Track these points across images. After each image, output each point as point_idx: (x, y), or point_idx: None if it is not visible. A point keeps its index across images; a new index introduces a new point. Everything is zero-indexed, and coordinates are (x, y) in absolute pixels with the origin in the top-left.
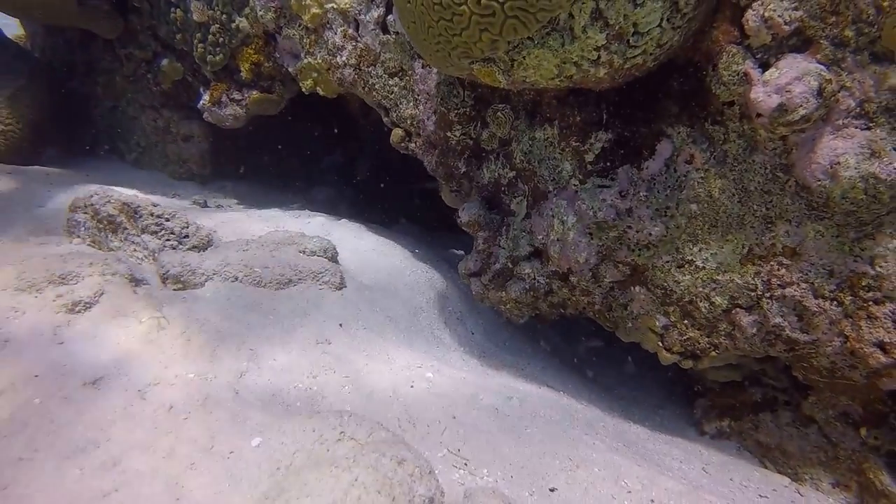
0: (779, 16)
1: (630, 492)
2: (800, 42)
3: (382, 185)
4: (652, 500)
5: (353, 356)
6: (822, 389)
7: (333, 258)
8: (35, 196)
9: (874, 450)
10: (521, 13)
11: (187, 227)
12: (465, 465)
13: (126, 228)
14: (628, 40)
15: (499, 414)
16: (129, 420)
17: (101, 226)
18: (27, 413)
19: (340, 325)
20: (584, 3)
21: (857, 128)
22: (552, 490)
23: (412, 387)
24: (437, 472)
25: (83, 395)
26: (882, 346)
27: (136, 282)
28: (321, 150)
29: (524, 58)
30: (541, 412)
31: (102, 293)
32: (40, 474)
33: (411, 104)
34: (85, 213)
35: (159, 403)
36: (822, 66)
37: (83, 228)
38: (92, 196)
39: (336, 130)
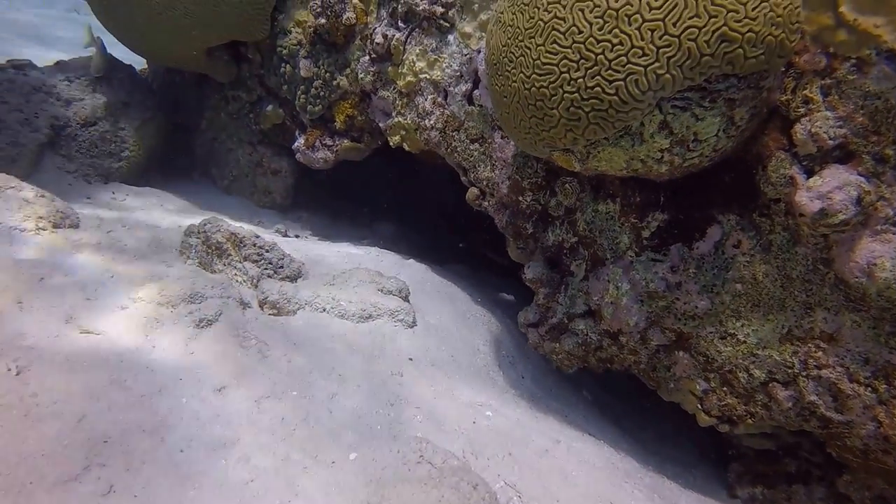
0: (824, 132)
1: None
2: (843, 154)
3: (441, 229)
4: None
5: (423, 389)
6: (857, 469)
7: (406, 298)
8: (153, 216)
9: None
10: (601, 121)
11: (283, 259)
12: (519, 497)
13: (230, 255)
14: (688, 145)
15: (548, 454)
16: (252, 426)
17: (209, 250)
18: (180, 412)
19: (411, 359)
20: (653, 115)
21: (894, 234)
22: None
23: (474, 422)
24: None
25: (215, 400)
26: None
27: (244, 305)
28: (387, 190)
29: (599, 152)
30: (584, 457)
31: (221, 313)
32: (202, 461)
33: (488, 168)
34: (198, 238)
35: (273, 414)
36: (862, 178)
37: (194, 251)
38: (205, 224)
39: (400, 174)
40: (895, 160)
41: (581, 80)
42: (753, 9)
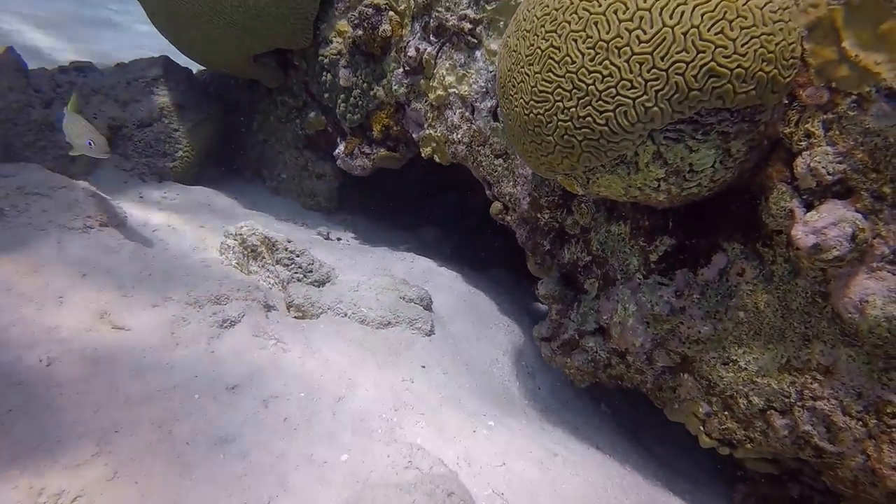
0: (823, 167)
1: None
2: (843, 189)
3: (484, 235)
4: None
5: (430, 397)
6: (851, 499)
7: (428, 307)
8: (199, 217)
9: None
10: (594, 150)
11: (312, 265)
12: None
13: (264, 258)
14: (684, 175)
15: (542, 466)
16: (255, 424)
17: (245, 252)
18: (190, 406)
19: (423, 367)
20: (647, 146)
21: (889, 272)
22: None
23: (474, 432)
24: None
25: (226, 398)
26: None
27: (268, 308)
28: (430, 195)
29: (598, 178)
30: (581, 471)
31: (244, 315)
32: (202, 455)
33: (511, 183)
34: (235, 240)
35: (277, 414)
36: (859, 215)
37: (232, 252)
38: (242, 228)
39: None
40: (892, 198)
41: (573, 109)
42: (743, 45)
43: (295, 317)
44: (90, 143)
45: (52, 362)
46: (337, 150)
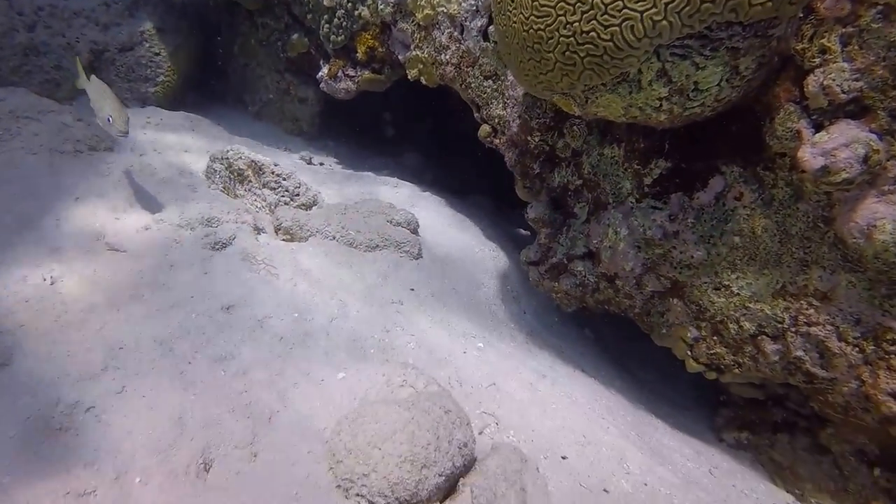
0: (837, 85)
1: (629, 473)
2: (858, 109)
3: (466, 161)
4: (645, 484)
5: (419, 318)
6: (840, 424)
7: (415, 230)
8: (184, 141)
9: (885, 491)
10: (596, 66)
11: (299, 188)
12: (496, 424)
13: (251, 181)
14: (688, 95)
15: (532, 388)
16: (253, 342)
17: (232, 176)
18: (189, 324)
19: (412, 289)
20: (651, 63)
21: None
22: (563, 458)
23: (464, 353)
24: (472, 425)
25: (222, 318)
26: None
27: (258, 230)
28: (413, 121)
29: (597, 98)
30: (569, 392)
31: (235, 237)
32: (203, 371)
33: (500, 105)
34: (221, 164)
35: (273, 333)
36: (873, 136)
37: (218, 176)
38: (228, 151)
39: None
40: None
41: (577, 23)
42: None
43: (284, 239)
44: (109, 120)
45: (56, 282)
46: (320, 74)
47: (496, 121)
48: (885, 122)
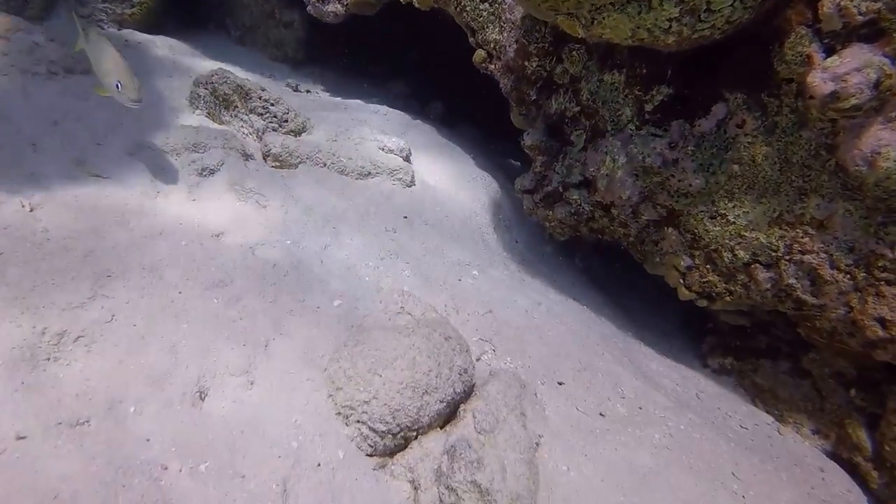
0: (854, 5)
1: (624, 397)
2: (872, 32)
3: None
4: (640, 408)
5: (413, 246)
6: (823, 349)
7: (407, 158)
8: (164, 65)
9: (859, 409)
10: None
11: (288, 114)
12: (493, 350)
13: (237, 107)
14: (699, 15)
15: (527, 315)
16: (246, 269)
17: (217, 101)
18: (178, 252)
19: (405, 217)
20: None
21: None
22: (560, 384)
23: (459, 280)
24: (470, 352)
25: (212, 244)
26: (883, 321)
27: (246, 156)
28: (402, 49)
29: (604, 18)
30: (564, 320)
31: (223, 163)
32: (196, 299)
33: (496, 30)
34: (206, 89)
35: (265, 260)
36: (886, 60)
37: (203, 102)
38: (213, 75)
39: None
40: None
41: None
42: None
43: (273, 166)
44: (118, 86)
45: (35, 208)
46: None
47: (492, 45)
48: None
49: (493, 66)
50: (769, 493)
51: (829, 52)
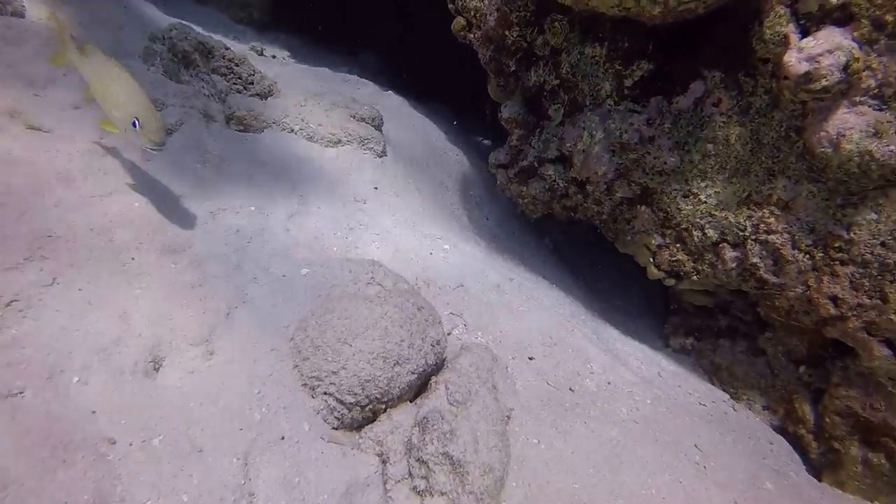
0: None
1: (593, 373)
2: (844, 16)
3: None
4: (609, 382)
5: (384, 217)
6: (779, 328)
7: (379, 127)
8: (115, 20)
9: (806, 385)
10: None
11: (253, 76)
12: (465, 325)
13: (198, 66)
14: None
15: (499, 290)
16: (207, 234)
17: (175, 59)
18: (131, 213)
19: (376, 188)
20: None
21: (870, 107)
22: (531, 358)
23: (430, 254)
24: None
25: (171, 207)
26: (835, 299)
27: (207, 118)
28: (374, 18)
29: None
30: (534, 296)
31: (182, 123)
32: (151, 264)
33: None
34: (163, 45)
35: (228, 226)
36: (855, 44)
37: (159, 58)
38: (171, 31)
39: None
40: (893, 27)
41: None
42: None
43: (237, 129)
44: (135, 125)
45: None
46: None
47: (472, 13)
48: (867, 31)
49: (472, 36)
50: (728, 463)
51: (805, 33)
